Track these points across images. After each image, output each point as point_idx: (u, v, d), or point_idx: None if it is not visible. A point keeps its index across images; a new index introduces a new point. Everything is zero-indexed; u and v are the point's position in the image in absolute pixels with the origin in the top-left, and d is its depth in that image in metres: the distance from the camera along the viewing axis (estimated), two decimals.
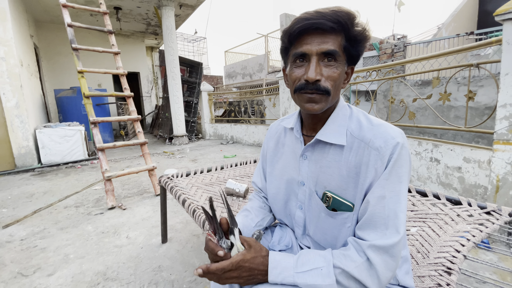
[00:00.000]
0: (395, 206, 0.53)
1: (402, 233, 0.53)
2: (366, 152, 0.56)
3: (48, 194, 2.79)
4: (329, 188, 0.62)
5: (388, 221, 0.53)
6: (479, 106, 3.69)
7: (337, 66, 0.57)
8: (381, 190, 0.54)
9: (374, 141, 0.56)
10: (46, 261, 1.58)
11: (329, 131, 0.62)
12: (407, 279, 0.66)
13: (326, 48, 0.55)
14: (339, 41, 0.55)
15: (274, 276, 0.55)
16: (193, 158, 4.43)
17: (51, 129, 4.05)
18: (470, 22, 8.53)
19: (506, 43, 1.46)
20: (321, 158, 0.63)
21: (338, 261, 0.54)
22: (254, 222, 0.75)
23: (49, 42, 6.79)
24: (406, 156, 0.55)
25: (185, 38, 12.69)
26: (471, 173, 1.94)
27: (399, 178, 0.54)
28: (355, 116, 0.63)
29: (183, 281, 1.37)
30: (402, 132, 0.57)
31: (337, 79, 0.57)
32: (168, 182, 1.50)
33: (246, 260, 0.56)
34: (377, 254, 0.52)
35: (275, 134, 0.80)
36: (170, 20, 5.49)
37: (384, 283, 0.53)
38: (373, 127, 0.58)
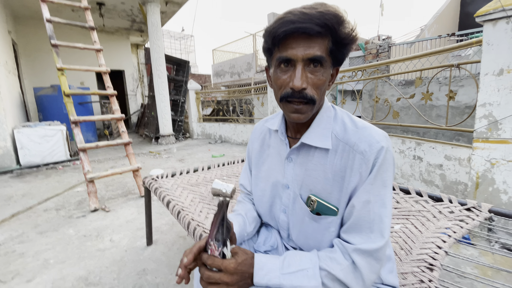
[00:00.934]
0: (380, 210, 0.54)
1: (387, 237, 0.54)
2: (351, 156, 0.56)
3: (27, 197, 2.68)
4: (314, 192, 0.61)
5: (373, 225, 0.54)
6: (459, 105, 3.82)
7: (323, 72, 0.55)
8: (367, 195, 0.54)
9: (359, 144, 0.55)
10: (25, 267, 1.52)
11: (314, 134, 0.61)
12: (391, 278, 0.66)
13: (313, 54, 0.52)
14: (325, 45, 0.53)
15: (260, 277, 0.54)
16: (180, 158, 4.36)
17: (30, 129, 3.89)
18: (451, 24, 8.81)
19: (486, 44, 1.51)
20: (307, 161, 0.63)
21: (324, 263, 0.54)
22: (247, 233, 0.73)
23: (28, 39, 6.51)
24: (391, 160, 0.55)
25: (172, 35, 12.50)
26: (452, 170, 2.00)
27: (383, 182, 0.54)
28: (340, 118, 0.62)
29: (169, 284, 1.34)
30: (387, 135, 0.57)
31: (323, 85, 0.56)
32: (152, 183, 1.47)
33: (238, 264, 0.53)
34: (362, 258, 0.53)
35: (259, 135, 0.78)
36: (156, 17, 5.37)
37: (368, 285, 0.54)
38: (358, 130, 0.57)
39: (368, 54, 6.43)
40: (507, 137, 1.49)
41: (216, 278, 0.52)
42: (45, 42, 6.62)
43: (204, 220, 1.14)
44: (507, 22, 1.43)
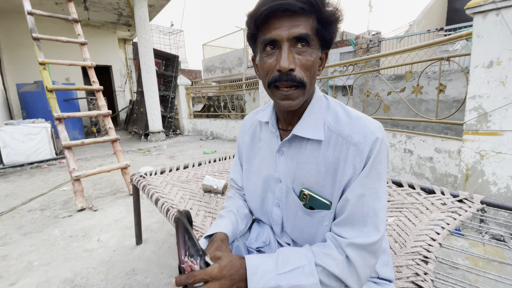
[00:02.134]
0: (374, 203, 0.52)
1: (382, 231, 0.52)
2: (344, 148, 0.54)
3: (11, 197, 2.57)
4: (306, 185, 0.59)
5: (367, 219, 0.51)
6: (447, 99, 3.87)
7: (310, 52, 0.52)
8: (361, 188, 0.52)
9: (353, 136, 0.53)
10: (8, 270, 1.45)
11: (306, 125, 0.58)
12: (387, 271, 0.65)
13: (298, 32, 0.49)
14: (310, 23, 0.51)
15: (255, 282, 0.50)
16: (170, 155, 4.29)
17: (13, 127, 3.74)
18: (439, 19, 8.94)
19: (476, 36, 1.51)
20: (298, 154, 0.60)
21: (319, 259, 0.52)
22: (239, 230, 0.71)
23: (10, 33, 6.25)
24: (385, 151, 0.53)
25: (161, 30, 12.26)
26: (442, 163, 2.02)
27: (378, 175, 0.52)
28: (332, 108, 0.59)
29: (159, 283, 1.30)
30: (381, 126, 0.54)
31: (312, 66, 0.53)
32: (140, 181, 1.42)
33: (223, 267, 0.49)
34: (356, 252, 0.51)
35: (250, 127, 0.75)
36: (143, 10, 5.23)
37: (364, 280, 0.52)
38: (351, 121, 0.55)
39: (359, 49, 6.46)
40: (496, 129, 1.51)
41: None
42: (28, 37, 6.37)
43: (195, 218, 1.10)
44: (496, 14, 1.43)
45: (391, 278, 0.66)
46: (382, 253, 0.65)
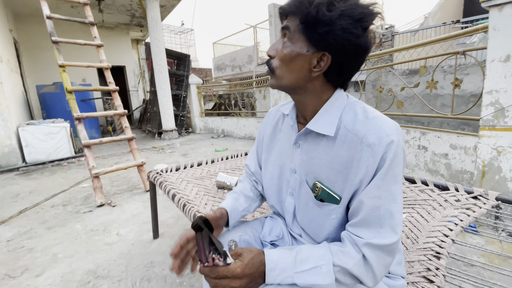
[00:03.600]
0: (391, 206, 0.52)
1: (399, 233, 0.52)
2: (358, 148, 0.54)
3: (34, 194, 2.71)
4: (319, 179, 0.61)
5: (383, 221, 0.52)
6: (464, 94, 3.76)
7: (288, 44, 0.57)
8: (377, 190, 0.52)
9: (368, 137, 0.53)
10: (34, 262, 1.55)
11: (320, 121, 0.60)
12: (399, 269, 0.66)
13: (284, 24, 0.58)
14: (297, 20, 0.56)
15: (273, 278, 0.53)
16: (183, 153, 4.38)
17: (34, 127, 3.91)
18: (456, 11, 8.62)
19: (493, 30, 1.48)
20: (313, 149, 0.62)
21: (337, 258, 0.53)
22: (242, 207, 0.77)
23: (29, 36, 6.50)
24: (401, 154, 0.53)
25: (172, 30, 12.40)
26: (458, 159, 1.98)
27: (395, 178, 0.52)
28: (352, 107, 0.59)
29: (176, 276, 1.36)
30: (398, 128, 0.54)
31: (284, 58, 0.58)
32: (157, 177, 1.47)
33: (245, 266, 0.51)
34: (372, 251, 0.52)
35: (273, 120, 0.78)
36: (155, 11, 5.32)
37: (379, 278, 0.53)
38: (367, 121, 0.55)
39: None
40: None
41: (223, 284, 0.51)
42: (45, 39, 6.61)
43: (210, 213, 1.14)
44: None
45: (403, 275, 0.67)
46: (397, 252, 0.66)
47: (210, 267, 0.51)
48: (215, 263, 0.51)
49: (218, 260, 0.51)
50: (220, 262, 0.51)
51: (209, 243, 0.52)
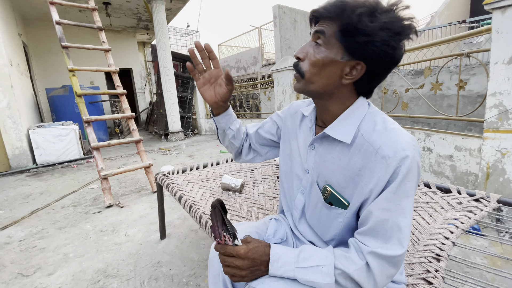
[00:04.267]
0: (399, 219, 0.52)
1: (406, 247, 0.53)
2: (373, 158, 0.54)
3: (45, 195, 2.79)
4: (329, 183, 0.63)
5: (391, 234, 0.53)
6: (471, 94, 3.72)
7: (322, 49, 0.57)
8: (386, 203, 0.52)
9: (383, 148, 0.53)
10: (46, 261, 1.60)
11: (338, 127, 0.60)
12: (401, 278, 0.69)
13: (318, 28, 0.57)
14: (334, 26, 0.55)
15: (275, 269, 0.57)
16: (189, 154, 4.43)
17: (44, 129, 4.01)
18: (463, 10, 8.52)
19: (495, 32, 1.48)
20: (327, 153, 0.63)
21: (339, 262, 0.55)
22: (232, 128, 0.81)
23: (38, 40, 6.65)
24: (415, 170, 0.52)
25: (178, 32, 12.49)
26: (462, 161, 1.98)
27: (406, 192, 0.52)
28: (372, 117, 0.60)
29: (183, 275, 1.40)
30: (415, 143, 0.54)
31: (316, 64, 0.57)
32: (164, 179, 1.51)
33: (249, 250, 0.57)
34: (376, 260, 0.53)
35: (294, 113, 0.79)
36: (161, 14, 5.40)
37: (380, 286, 0.55)
38: (385, 132, 0.55)
39: None
40: None
41: (229, 261, 0.57)
42: (54, 43, 6.75)
43: None
44: None
45: (403, 281, 0.69)
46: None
47: (222, 244, 0.59)
48: (226, 242, 0.58)
49: (228, 239, 0.58)
50: (230, 242, 0.58)
51: (222, 223, 0.58)
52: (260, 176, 1.63)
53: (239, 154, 0.89)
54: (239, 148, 0.87)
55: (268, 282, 0.57)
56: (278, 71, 4.42)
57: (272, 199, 1.36)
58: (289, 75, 4.24)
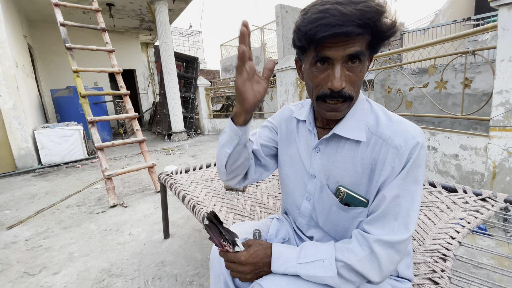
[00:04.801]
0: (408, 205, 0.53)
1: (411, 231, 0.53)
2: (383, 150, 0.55)
3: (50, 194, 2.81)
4: (342, 183, 0.61)
5: (398, 218, 0.53)
6: (476, 92, 3.69)
7: (361, 68, 0.53)
8: (397, 189, 0.53)
9: (394, 139, 0.54)
10: (51, 260, 1.61)
11: (347, 126, 0.60)
12: (408, 272, 0.67)
13: (353, 51, 0.50)
14: (365, 40, 0.51)
15: (277, 266, 0.57)
16: (192, 154, 4.44)
17: (49, 130, 4.05)
18: (467, 7, 8.43)
19: (502, 29, 1.46)
20: (335, 153, 0.62)
21: (341, 254, 0.55)
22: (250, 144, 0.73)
23: (43, 42, 6.71)
24: (424, 157, 0.54)
25: (180, 32, 12.55)
26: (468, 160, 1.95)
27: (415, 178, 0.53)
28: (374, 110, 0.61)
29: (186, 274, 1.40)
30: (421, 131, 0.56)
31: (361, 81, 0.55)
32: (167, 179, 1.52)
33: (249, 255, 0.58)
34: (383, 248, 0.53)
35: (287, 118, 0.76)
36: (164, 15, 5.42)
37: (386, 275, 0.54)
38: (392, 124, 0.56)
39: None
40: None
41: (232, 267, 0.59)
42: (58, 44, 6.82)
43: (218, 213, 1.17)
44: None
45: (410, 278, 0.68)
46: (406, 255, 0.67)
47: (224, 251, 0.61)
48: (226, 249, 0.61)
49: (228, 247, 0.60)
50: (230, 249, 0.60)
51: (219, 233, 0.60)
52: None
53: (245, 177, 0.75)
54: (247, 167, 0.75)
55: (271, 279, 0.57)
56: (280, 71, 4.41)
57: (276, 199, 1.35)
58: (291, 74, 4.23)
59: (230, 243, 0.60)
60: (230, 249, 0.60)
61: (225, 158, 0.66)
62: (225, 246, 0.60)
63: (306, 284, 0.56)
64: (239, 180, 0.74)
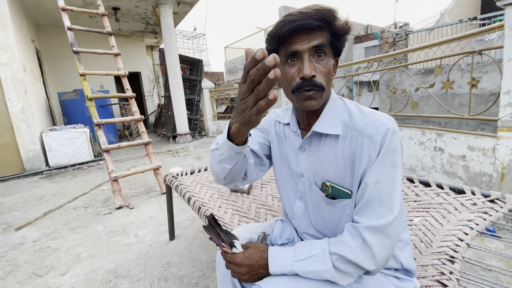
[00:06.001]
0: (390, 189, 0.55)
1: (396, 213, 0.55)
2: (359, 140, 0.59)
3: (57, 196, 2.85)
4: (327, 178, 0.65)
5: (382, 203, 0.55)
6: (484, 92, 3.64)
7: (327, 60, 0.59)
8: (376, 175, 0.56)
9: (366, 129, 0.58)
10: (59, 261, 1.63)
11: (324, 123, 0.64)
12: (412, 263, 0.67)
13: (316, 43, 0.57)
14: (325, 36, 0.58)
15: (275, 266, 0.59)
16: (197, 156, 4.46)
17: (56, 132, 4.11)
18: (473, 7, 8.34)
19: (509, 28, 1.44)
20: (318, 150, 0.66)
21: (334, 247, 0.57)
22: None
23: (50, 46, 6.82)
24: (397, 141, 0.57)
25: (185, 35, 12.63)
26: (476, 161, 1.93)
27: (392, 162, 0.56)
28: (348, 107, 0.65)
29: (192, 276, 1.40)
30: (392, 119, 0.59)
31: (329, 73, 0.60)
32: (173, 181, 1.53)
33: (244, 257, 0.61)
34: (373, 235, 0.54)
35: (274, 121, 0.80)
36: (169, 18, 5.47)
37: (381, 262, 0.55)
38: (364, 116, 0.61)
39: (385, 43, 6.23)
40: None
41: (230, 267, 0.63)
42: (65, 48, 6.92)
43: (224, 215, 1.18)
44: None
45: (414, 270, 0.68)
46: (405, 244, 0.67)
47: (223, 252, 0.64)
48: (225, 250, 0.64)
49: (226, 248, 0.63)
50: (228, 250, 0.63)
51: (217, 235, 0.64)
52: (268, 177, 1.62)
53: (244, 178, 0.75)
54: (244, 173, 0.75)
55: (271, 280, 0.58)
56: None
57: (280, 201, 1.35)
58: None
59: (228, 244, 0.63)
60: (228, 250, 0.63)
61: (224, 173, 0.64)
62: (223, 246, 0.63)
63: (305, 282, 0.57)
64: (238, 183, 0.75)
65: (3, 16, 3.70)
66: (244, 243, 0.65)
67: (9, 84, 3.77)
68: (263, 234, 0.75)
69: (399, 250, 0.66)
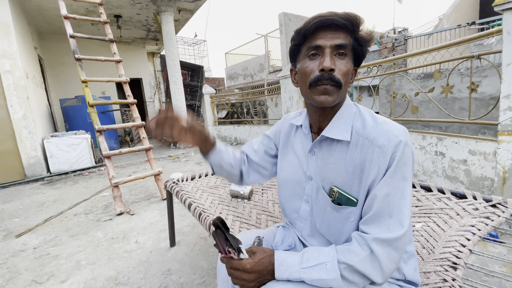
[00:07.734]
0: (400, 202, 0.55)
1: (406, 227, 0.54)
2: (370, 150, 0.58)
3: (58, 202, 2.85)
4: (335, 184, 0.64)
5: (392, 216, 0.55)
6: (484, 96, 3.64)
7: (347, 61, 0.60)
8: (386, 187, 0.55)
9: (378, 139, 0.57)
10: (59, 268, 1.62)
11: (334, 128, 0.64)
12: (415, 275, 0.67)
13: (339, 42, 0.58)
14: (349, 38, 0.60)
15: (281, 272, 0.57)
16: (198, 161, 4.46)
17: (58, 139, 4.12)
18: (471, 12, 8.41)
19: (507, 33, 1.45)
20: (328, 155, 0.66)
21: (342, 256, 0.56)
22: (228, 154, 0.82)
23: (52, 53, 6.89)
24: (409, 154, 0.56)
25: (186, 42, 12.75)
26: (477, 166, 1.92)
27: (403, 175, 0.55)
28: (362, 114, 0.65)
29: (192, 283, 1.39)
30: (406, 130, 0.58)
31: (347, 73, 0.61)
32: (173, 187, 1.53)
33: (255, 263, 0.58)
34: (381, 247, 0.54)
35: (288, 127, 0.82)
36: (170, 25, 5.53)
37: (388, 275, 0.55)
38: (377, 126, 0.60)
39: (384, 49, 6.27)
40: None
41: (236, 274, 0.59)
42: (67, 55, 6.99)
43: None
44: None
45: (417, 282, 0.67)
46: (411, 256, 0.67)
47: (228, 258, 0.60)
48: (231, 256, 0.60)
49: (233, 254, 0.59)
50: (235, 256, 0.59)
51: (224, 239, 0.61)
52: (269, 183, 1.62)
53: (241, 180, 0.88)
54: (239, 174, 0.86)
55: (276, 286, 0.57)
56: (285, 78, 4.44)
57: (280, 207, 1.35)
58: None
59: (236, 250, 0.60)
60: (235, 256, 0.60)
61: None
62: (229, 252, 0.60)
63: None
64: (236, 182, 0.88)
65: (6, 24, 3.75)
66: (249, 248, 0.63)
67: (12, 91, 3.80)
68: (258, 239, 0.73)
69: (403, 262, 0.65)
